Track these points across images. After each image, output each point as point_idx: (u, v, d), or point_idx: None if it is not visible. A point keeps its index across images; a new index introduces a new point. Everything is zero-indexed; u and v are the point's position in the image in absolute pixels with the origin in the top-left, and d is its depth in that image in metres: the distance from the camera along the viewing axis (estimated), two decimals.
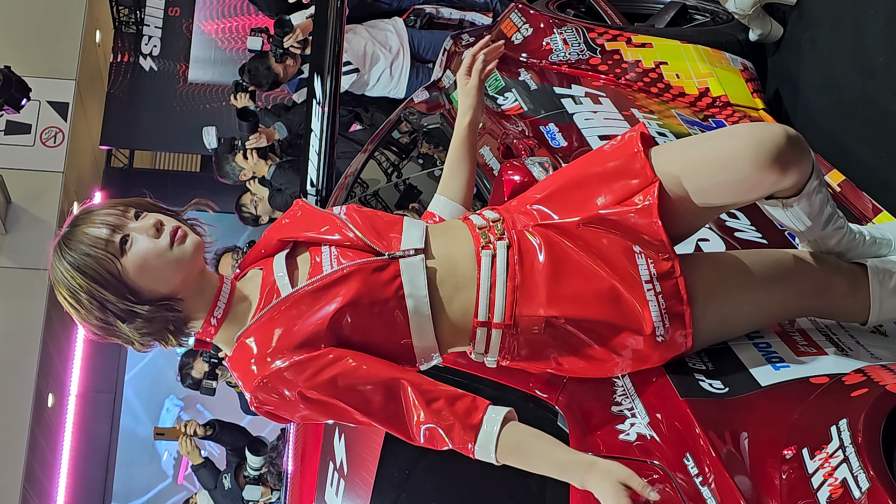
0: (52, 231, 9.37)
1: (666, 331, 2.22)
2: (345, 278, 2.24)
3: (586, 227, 2.26)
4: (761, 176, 2.14)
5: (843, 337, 2.37)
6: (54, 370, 9.89)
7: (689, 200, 2.25)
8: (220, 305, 2.30)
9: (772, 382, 2.17)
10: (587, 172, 2.35)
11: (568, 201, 2.32)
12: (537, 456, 2.14)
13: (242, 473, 7.05)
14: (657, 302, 2.21)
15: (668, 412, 2.19)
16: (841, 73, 3.68)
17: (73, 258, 2.18)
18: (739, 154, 2.15)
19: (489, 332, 2.28)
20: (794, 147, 2.15)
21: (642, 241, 2.22)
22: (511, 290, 2.26)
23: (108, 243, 2.18)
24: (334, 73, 4.49)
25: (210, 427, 7.33)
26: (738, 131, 2.24)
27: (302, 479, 3.36)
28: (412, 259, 2.29)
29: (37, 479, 9.62)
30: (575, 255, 2.26)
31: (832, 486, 1.77)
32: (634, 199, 2.23)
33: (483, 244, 2.31)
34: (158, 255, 2.20)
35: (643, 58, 3.96)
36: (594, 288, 2.24)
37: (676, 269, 2.22)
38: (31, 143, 9.74)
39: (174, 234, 2.22)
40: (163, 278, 2.22)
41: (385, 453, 2.89)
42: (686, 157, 2.26)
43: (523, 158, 2.94)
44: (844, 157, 3.47)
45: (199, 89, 10.52)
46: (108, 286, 2.18)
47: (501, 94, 3.87)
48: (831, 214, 2.37)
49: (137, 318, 2.21)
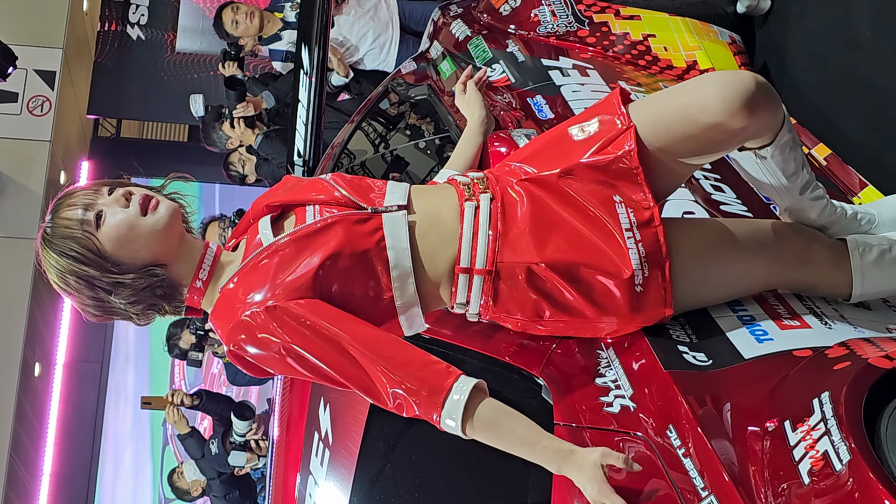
0: (39, 200, 9.33)
1: (644, 279, 2.25)
2: (327, 228, 2.28)
3: (567, 178, 2.31)
4: (731, 120, 2.17)
5: (827, 311, 2.38)
6: (41, 339, 9.87)
7: (666, 152, 2.29)
8: (204, 268, 2.35)
9: (755, 355, 2.18)
10: (568, 126, 2.41)
11: (549, 157, 2.38)
12: (512, 436, 2.14)
13: (228, 439, 7.07)
14: (637, 249, 2.25)
15: (651, 384, 2.20)
16: (829, 47, 3.68)
17: (55, 244, 2.27)
18: (709, 97, 2.18)
19: (471, 280, 2.32)
20: (763, 92, 2.18)
21: (622, 188, 2.28)
22: (493, 238, 2.31)
23: (82, 222, 2.25)
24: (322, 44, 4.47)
25: (197, 397, 7.36)
26: (708, 77, 2.28)
27: (287, 448, 3.36)
28: (394, 214, 2.34)
29: (23, 447, 9.62)
30: (556, 207, 2.30)
31: (813, 458, 1.77)
32: (611, 145, 2.28)
33: (467, 197, 2.37)
34: (131, 224, 2.26)
35: (631, 30, 3.95)
36: (575, 237, 2.28)
37: (656, 217, 2.26)
38: (18, 111, 9.68)
39: (145, 202, 2.27)
40: (141, 246, 2.27)
41: (370, 424, 2.90)
42: (660, 106, 2.31)
43: (510, 130, 2.95)
44: (831, 132, 3.48)
45: (187, 59, 10.47)
46: (90, 263, 2.24)
47: (489, 66, 3.86)
48: (808, 181, 2.41)
49: (122, 287, 2.26)
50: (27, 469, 9.77)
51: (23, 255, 9.14)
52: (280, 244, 2.28)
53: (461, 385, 2.14)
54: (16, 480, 9.41)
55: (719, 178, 3.02)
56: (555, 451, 2.09)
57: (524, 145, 2.59)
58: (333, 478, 3.01)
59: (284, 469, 3.35)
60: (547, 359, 2.51)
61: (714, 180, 3.01)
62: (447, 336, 2.73)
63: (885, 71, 3.35)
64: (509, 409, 2.16)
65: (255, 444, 7.04)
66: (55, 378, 10.33)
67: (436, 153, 4.03)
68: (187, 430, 7.30)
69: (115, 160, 10.77)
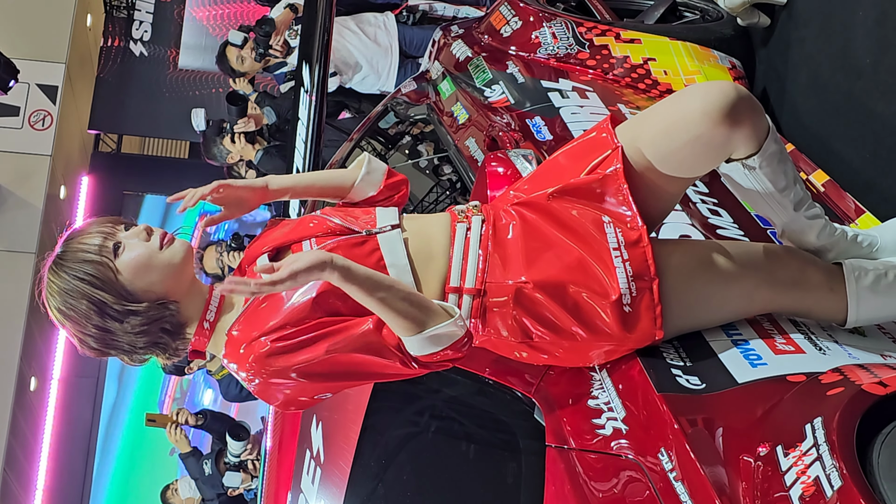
0: (38, 214, 9.35)
1: (633, 300, 2.24)
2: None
3: (557, 199, 2.32)
4: (714, 130, 2.18)
5: (822, 336, 2.37)
6: (37, 354, 9.87)
7: (654, 170, 2.29)
8: (211, 309, 2.36)
9: (749, 380, 2.17)
10: (560, 154, 2.44)
11: (542, 181, 2.40)
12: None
13: (223, 459, 7.05)
14: (624, 269, 2.25)
15: (644, 407, 2.19)
16: (828, 74, 3.68)
17: (70, 267, 2.26)
18: (691, 108, 2.20)
19: (460, 300, 2.32)
20: (744, 100, 2.20)
21: (611, 209, 2.29)
22: (483, 258, 2.33)
23: (101, 248, 2.27)
24: (322, 62, 4.48)
25: (202, 416, 7.33)
26: (690, 90, 2.30)
27: (279, 466, 3.35)
28: (389, 233, 2.36)
29: (18, 462, 9.61)
30: (545, 229, 2.32)
31: (805, 483, 1.76)
32: (600, 167, 2.30)
33: (459, 220, 2.39)
34: (150, 256, 2.27)
35: (631, 53, 3.96)
36: (563, 257, 2.29)
37: (644, 237, 2.26)
38: (20, 125, 9.70)
39: (163, 237, 2.30)
40: (156, 280, 2.28)
41: (362, 443, 2.89)
42: (644, 124, 2.33)
43: (507, 150, 2.95)
44: (829, 158, 3.47)
45: (189, 76, 10.49)
46: (106, 288, 2.25)
47: (489, 87, 3.87)
48: (803, 198, 2.42)
49: (134, 316, 2.26)
50: (20, 483, 9.75)
51: (21, 269, 9.15)
52: None
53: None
54: (9, 494, 9.39)
55: (717, 202, 3.01)
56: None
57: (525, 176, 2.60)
58: (324, 496, 3.00)
59: (276, 487, 3.34)
60: (540, 379, 2.51)
61: (712, 204, 3.01)
62: None
63: (884, 98, 3.35)
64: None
65: (251, 465, 7.03)
66: (51, 392, 10.32)
67: (434, 173, 4.03)
68: (189, 450, 7.28)
69: (115, 175, 10.80)
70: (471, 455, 2.76)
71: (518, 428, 2.58)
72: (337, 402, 3.14)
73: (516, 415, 2.55)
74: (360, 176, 2.53)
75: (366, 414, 2.92)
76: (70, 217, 10.06)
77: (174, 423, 7.22)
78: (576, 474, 2.25)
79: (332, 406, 3.17)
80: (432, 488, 2.78)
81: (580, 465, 2.24)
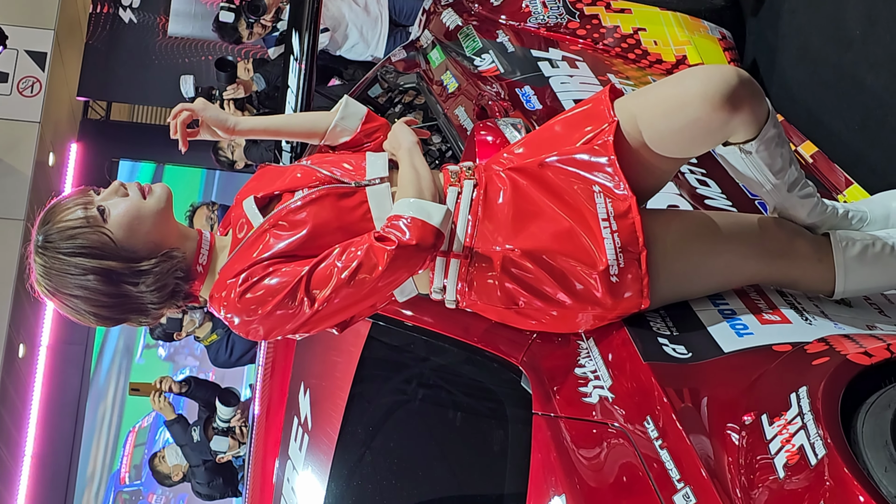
0: (27, 181, 9.31)
1: (620, 270, 2.25)
2: (314, 202, 2.30)
3: (549, 167, 2.32)
4: (714, 115, 2.18)
5: (808, 306, 2.38)
6: (26, 321, 9.85)
7: (649, 148, 2.29)
8: (203, 252, 2.37)
9: (735, 349, 2.18)
10: (556, 122, 2.44)
11: (536, 148, 2.40)
12: None
13: (211, 425, 7.05)
14: (612, 240, 2.25)
15: (630, 376, 2.20)
16: (818, 45, 3.68)
17: (62, 248, 2.23)
18: (691, 91, 2.19)
19: (447, 263, 2.33)
20: (745, 85, 2.19)
21: (601, 180, 2.27)
22: (473, 224, 2.34)
23: (88, 219, 2.24)
24: (312, 30, 4.46)
25: (186, 384, 7.31)
26: (690, 72, 2.29)
27: (266, 433, 3.36)
28: (378, 186, 2.37)
29: (6, 429, 9.61)
30: (535, 196, 2.32)
31: (789, 452, 1.78)
32: (595, 139, 2.29)
33: (451, 182, 2.39)
34: (137, 207, 2.27)
35: (622, 23, 3.95)
36: (552, 226, 2.29)
37: (633, 208, 2.25)
38: (8, 91, 9.65)
39: (140, 187, 2.30)
40: (150, 229, 2.28)
41: (349, 410, 2.90)
42: (642, 101, 2.32)
43: (496, 119, 2.94)
44: (818, 129, 3.48)
45: (179, 43, 10.43)
46: (109, 255, 2.23)
47: (478, 55, 3.86)
48: (798, 178, 2.40)
49: (146, 275, 2.26)
50: (9, 450, 9.75)
51: (9, 236, 9.13)
52: (269, 221, 2.30)
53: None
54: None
55: (705, 172, 3.02)
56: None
57: (519, 138, 2.59)
58: (312, 463, 3.01)
59: (263, 454, 3.35)
60: (527, 348, 2.51)
61: (700, 174, 3.01)
62: (428, 324, 2.73)
63: (873, 70, 3.35)
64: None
65: (239, 431, 7.03)
66: (39, 360, 10.32)
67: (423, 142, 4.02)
68: (174, 417, 7.27)
69: (104, 143, 10.75)
70: (458, 423, 2.77)
71: (505, 396, 2.58)
72: (325, 370, 3.15)
73: (503, 383, 2.55)
74: (333, 121, 2.54)
75: (353, 381, 2.93)
76: (59, 184, 10.03)
77: (157, 391, 7.21)
78: (562, 442, 2.26)
79: (319, 373, 3.18)
80: (419, 455, 2.79)
81: (566, 433, 2.25)
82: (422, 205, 2.23)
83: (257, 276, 2.21)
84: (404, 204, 2.24)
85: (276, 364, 3.47)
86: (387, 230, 2.20)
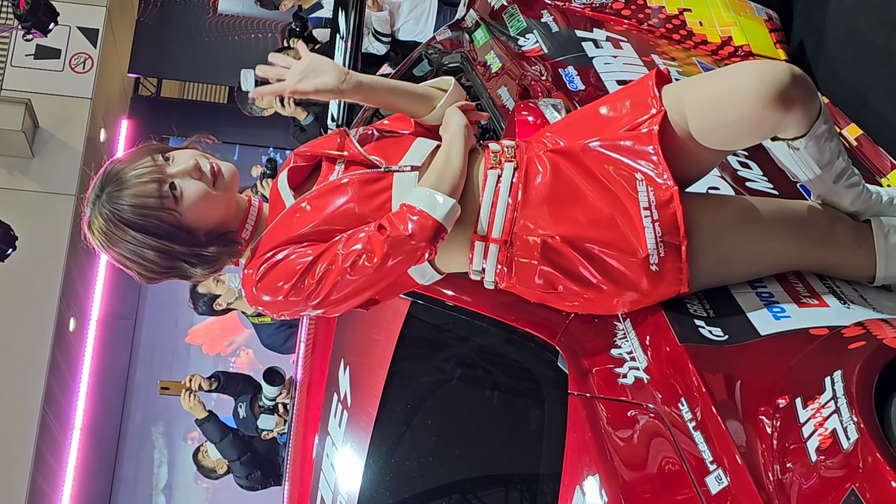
0: (78, 157, 9.42)
1: (660, 259, 2.24)
2: (340, 188, 2.33)
3: (592, 152, 2.30)
4: (764, 113, 2.16)
5: (848, 291, 2.36)
6: (76, 295, 9.97)
7: (695, 139, 2.28)
8: (247, 227, 2.40)
9: (771, 332, 2.17)
10: (601, 105, 2.41)
11: (580, 131, 2.38)
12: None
13: (258, 403, 7.09)
14: (653, 229, 2.24)
15: (666, 357, 2.20)
16: (866, 27, 3.64)
17: (131, 220, 2.24)
18: (743, 89, 2.17)
19: (487, 248, 2.34)
20: (799, 85, 2.17)
21: (644, 168, 2.25)
22: (512, 208, 2.33)
23: (161, 198, 2.25)
24: (358, 9, 4.48)
25: (215, 379, 7.31)
26: (744, 67, 2.26)
27: (307, 409, 3.39)
28: (406, 174, 2.36)
29: (56, 401, 9.74)
30: (577, 181, 2.31)
31: (822, 435, 1.77)
32: (640, 127, 2.28)
33: (492, 165, 2.37)
34: (208, 195, 2.30)
35: (667, 4, 3.93)
36: (592, 213, 2.29)
37: (675, 198, 2.23)
38: (60, 68, 9.76)
39: (214, 172, 2.31)
40: (213, 214, 2.32)
41: (388, 388, 2.92)
42: (692, 92, 2.29)
43: (537, 100, 2.94)
44: (864, 112, 3.45)
45: (229, 21, 10.50)
46: (175, 238, 2.27)
47: (523, 35, 3.85)
48: (844, 169, 2.37)
49: (206, 259, 2.32)
50: (59, 422, 9.89)
51: (61, 210, 9.24)
52: (296, 205, 2.34)
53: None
54: (47, 432, 9.53)
55: (747, 154, 3.00)
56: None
57: (561, 118, 2.58)
58: (351, 439, 3.04)
59: (304, 430, 3.38)
60: (564, 328, 2.52)
61: (742, 157, 2.99)
62: (466, 303, 2.74)
63: None
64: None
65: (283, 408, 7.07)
66: (89, 333, 10.44)
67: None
68: (205, 415, 7.27)
69: (154, 119, 10.84)
70: (495, 402, 2.78)
71: (542, 376, 2.59)
72: (365, 347, 3.18)
73: (540, 363, 2.56)
74: (438, 105, 2.49)
75: (392, 359, 2.95)
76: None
77: (188, 389, 7.22)
78: (597, 422, 2.27)
79: (359, 350, 3.20)
80: (456, 433, 2.81)
81: (601, 413, 2.26)
82: (432, 196, 2.24)
83: (279, 257, 2.26)
84: (416, 194, 2.26)
85: (316, 341, 3.50)
86: (389, 220, 2.22)
